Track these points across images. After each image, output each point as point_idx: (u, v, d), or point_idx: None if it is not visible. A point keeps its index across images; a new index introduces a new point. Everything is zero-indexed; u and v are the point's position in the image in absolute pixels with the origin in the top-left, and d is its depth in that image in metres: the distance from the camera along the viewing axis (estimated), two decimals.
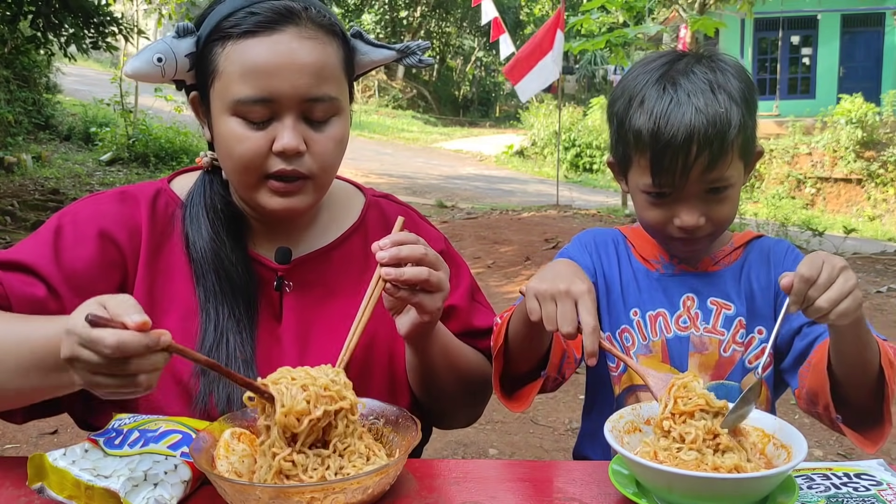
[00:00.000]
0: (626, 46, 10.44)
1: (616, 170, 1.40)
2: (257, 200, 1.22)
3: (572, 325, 1.07)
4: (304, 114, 1.18)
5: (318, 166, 1.21)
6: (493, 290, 6.56)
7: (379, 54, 1.29)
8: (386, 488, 1.01)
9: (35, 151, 11.52)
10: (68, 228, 1.24)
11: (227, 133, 1.18)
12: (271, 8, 1.16)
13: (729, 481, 0.93)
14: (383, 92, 28.18)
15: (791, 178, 16.28)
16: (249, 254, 1.30)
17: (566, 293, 1.09)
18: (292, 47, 1.15)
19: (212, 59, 1.18)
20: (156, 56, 1.18)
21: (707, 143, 1.21)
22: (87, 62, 16.58)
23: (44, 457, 0.99)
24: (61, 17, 8.33)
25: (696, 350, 1.35)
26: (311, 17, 1.19)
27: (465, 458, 3.41)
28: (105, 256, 1.23)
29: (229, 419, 1.10)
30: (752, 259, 1.41)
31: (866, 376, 1.16)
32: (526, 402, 1.29)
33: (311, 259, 1.32)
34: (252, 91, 1.15)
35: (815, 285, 1.02)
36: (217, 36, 1.17)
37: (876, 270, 7.60)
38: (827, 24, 19.03)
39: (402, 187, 13.41)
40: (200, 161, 1.31)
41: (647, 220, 1.33)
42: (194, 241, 1.26)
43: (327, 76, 1.19)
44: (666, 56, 1.34)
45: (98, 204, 1.28)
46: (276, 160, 1.18)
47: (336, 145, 1.23)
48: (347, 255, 1.35)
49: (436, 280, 1.14)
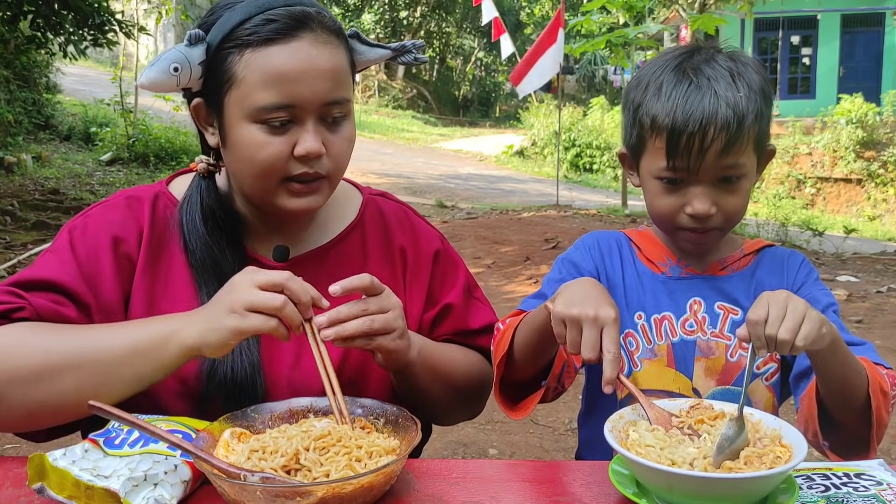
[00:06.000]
0: (626, 46, 10.43)
1: (627, 160, 1.39)
2: (275, 203, 1.23)
3: (595, 352, 1.07)
4: (321, 116, 1.20)
5: (335, 166, 1.24)
6: (493, 290, 6.56)
7: (375, 53, 1.31)
8: (386, 488, 1.01)
9: (35, 151, 11.51)
10: (80, 239, 1.25)
11: (247, 140, 1.18)
12: (289, 14, 1.17)
13: (729, 481, 0.93)
14: (383, 92, 28.18)
15: (791, 178, 16.29)
16: (248, 255, 1.30)
17: (594, 320, 1.09)
18: (311, 53, 1.17)
19: (227, 66, 1.17)
20: (172, 66, 1.17)
21: (725, 125, 1.21)
22: (87, 62, 16.57)
23: (44, 457, 0.99)
24: (61, 16, 8.32)
25: (702, 354, 1.34)
26: (324, 21, 1.20)
27: (465, 458, 3.41)
28: (119, 264, 1.25)
29: (229, 419, 1.10)
30: (765, 267, 1.40)
31: (853, 402, 1.16)
32: (526, 411, 1.29)
33: (309, 257, 1.33)
34: (275, 98, 1.16)
35: (768, 323, 1.02)
36: (232, 44, 1.17)
37: (876, 270, 7.61)
38: (827, 24, 19.03)
39: (401, 187, 13.41)
40: (196, 166, 1.30)
41: (658, 208, 1.32)
42: (192, 247, 1.26)
43: (342, 80, 1.21)
44: (684, 48, 1.35)
45: (107, 212, 1.29)
46: (296, 164, 1.19)
47: (349, 145, 1.26)
48: (346, 252, 1.36)
49: (380, 325, 1.13)
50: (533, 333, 1.23)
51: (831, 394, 1.17)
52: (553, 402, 1.36)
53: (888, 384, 1.19)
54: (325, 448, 1.02)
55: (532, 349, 1.25)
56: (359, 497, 0.96)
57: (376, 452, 1.03)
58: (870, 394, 1.15)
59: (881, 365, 1.25)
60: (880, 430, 1.18)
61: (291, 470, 0.99)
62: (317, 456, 1.01)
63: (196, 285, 1.26)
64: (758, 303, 1.05)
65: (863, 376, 1.16)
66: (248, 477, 0.95)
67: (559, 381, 1.31)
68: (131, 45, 14.45)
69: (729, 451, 0.99)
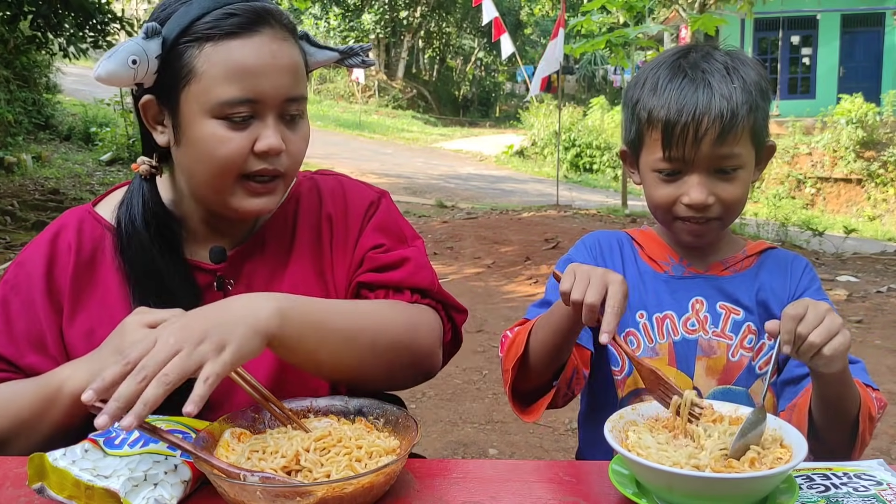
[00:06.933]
0: (626, 46, 10.43)
1: (628, 158, 1.41)
2: (229, 203, 1.21)
3: (599, 296, 1.09)
4: (281, 113, 1.20)
5: (291, 164, 1.23)
6: (494, 290, 6.56)
7: (323, 55, 1.31)
8: (386, 488, 1.01)
9: (35, 151, 11.52)
10: (13, 298, 1.24)
11: (207, 135, 1.16)
12: (250, 9, 1.16)
13: (729, 481, 0.93)
14: (383, 92, 28.19)
15: (791, 178, 16.29)
16: (186, 261, 1.27)
17: (603, 274, 1.12)
18: (273, 48, 1.17)
19: (186, 61, 1.15)
20: (131, 58, 1.14)
21: (719, 115, 1.23)
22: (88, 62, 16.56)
23: (44, 457, 0.99)
24: (61, 16, 8.32)
25: (703, 354, 1.34)
26: (281, 19, 1.20)
27: (465, 458, 3.41)
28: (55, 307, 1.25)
29: (229, 419, 1.10)
30: (768, 269, 1.40)
31: (843, 424, 1.19)
32: (537, 413, 1.30)
33: (245, 250, 1.31)
34: (238, 92, 1.14)
35: (804, 322, 1.03)
36: (191, 38, 1.15)
37: (876, 270, 7.61)
38: (827, 24, 19.04)
39: (401, 187, 13.42)
40: (138, 167, 1.27)
41: (657, 199, 1.33)
42: (131, 258, 1.24)
43: (300, 76, 1.22)
44: (683, 47, 1.37)
45: (30, 257, 1.27)
46: (255, 160, 1.18)
47: (305, 144, 1.26)
48: (278, 227, 1.34)
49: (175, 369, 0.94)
50: (551, 330, 1.23)
51: (825, 414, 1.19)
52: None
53: (876, 409, 1.23)
54: (325, 448, 1.03)
55: (549, 349, 1.25)
56: (359, 497, 0.96)
57: (376, 452, 1.03)
58: (859, 420, 1.18)
59: (869, 386, 1.27)
60: (862, 449, 1.21)
61: (292, 471, 0.99)
62: (317, 456, 1.01)
63: (132, 303, 1.22)
64: (798, 303, 1.06)
65: (857, 403, 1.19)
66: (247, 477, 0.95)
67: (569, 387, 1.32)
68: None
69: (751, 435, 0.99)
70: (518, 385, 1.30)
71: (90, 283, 1.26)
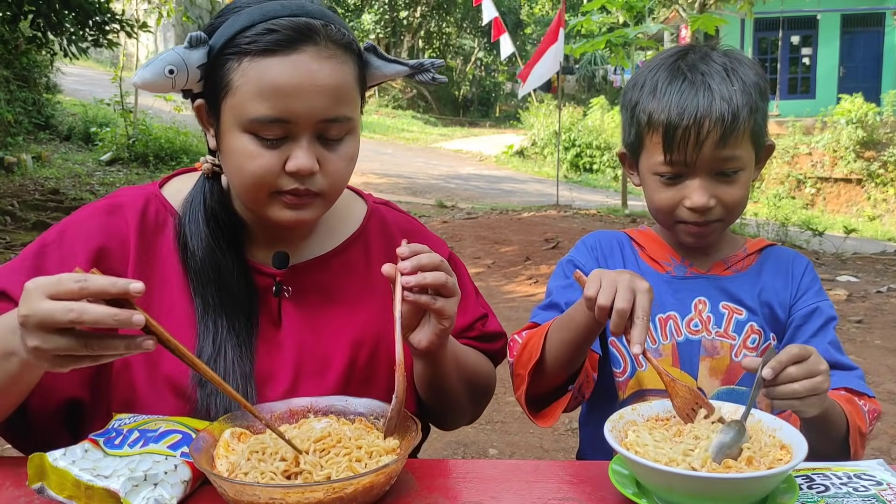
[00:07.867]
0: (626, 46, 10.44)
1: (627, 160, 1.40)
2: (266, 214, 1.21)
3: (628, 303, 1.07)
4: (318, 133, 1.17)
5: (329, 184, 1.20)
6: (494, 290, 6.56)
7: (391, 69, 1.27)
8: (386, 488, 1.01)
9: (35, 151, 11.52)
10: (53, 250, 1.22)
11: (238, 149, 1.16)
12: (291, 26, 1.13)
13: (729, 481, 0.93)
14: (383, 92, 28.17)
15: (791, 178, 16.29)
16: (248, 263, 1.28)
17: (629, 280, 1.10)
18: (312, 68, 1.13)
19: (225, 73, 1.15)
20: (167, 68, 1.14)
21: (720, 118, 1.23)
22: (88, 62, 16.55)
23: (44, 457, 0.99)
24: (62, 16, 8.31)
25: (706, 354, 1.34)
26: (330, 35, 1.15)
27: (465, 458, 3.41)
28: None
29: (229, 419, 1.10)
30: (769, 268, 1.40)
31: (832, 444, 1.20)
32: (553, 418, 1.29)
33: (310, 266, 1.31)
34: (268, 111, 1.12)
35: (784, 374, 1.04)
36: (232, 50, 1.14)
37: (876, 270, 7.61)
38: (827, 24, 19.04)
39: (401, 187, 13.42)
40: (201, 166, 1.28)
41: (658, 203, 1.32)
42: (193, 252, 1.24)
43: (344, 97, 1.17)
44: (680, 48, 1.37)
45: (86, 220, 1.25)
46: (287, 179, 1.16)
47: (348, 163, 1.22)
48: (348, 263, 1.34)
49: (451, 284, 1.14)
50: (570, 335, 1.22)
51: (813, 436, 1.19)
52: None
53: (867, 424, 1.23)
54: (325, 449, 1.03)
55: (568, 353, 1.24)
56: (360, 497, 0.96)
57: (376, 452, 1.03)
58: (849, 441, 1.20)
59: (864, 394, 1.27)
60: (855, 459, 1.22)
61: (292, 475, 0.99)
62: (317, 458, 1.01)
63: (191, 291, 1.23)
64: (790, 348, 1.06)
65: (843, 427, 1.20)
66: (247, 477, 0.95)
67: (579, 391, 1.31)
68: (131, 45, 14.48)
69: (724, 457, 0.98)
70: (529, 390, 1.29)
71: (152, 265, 1.25)
